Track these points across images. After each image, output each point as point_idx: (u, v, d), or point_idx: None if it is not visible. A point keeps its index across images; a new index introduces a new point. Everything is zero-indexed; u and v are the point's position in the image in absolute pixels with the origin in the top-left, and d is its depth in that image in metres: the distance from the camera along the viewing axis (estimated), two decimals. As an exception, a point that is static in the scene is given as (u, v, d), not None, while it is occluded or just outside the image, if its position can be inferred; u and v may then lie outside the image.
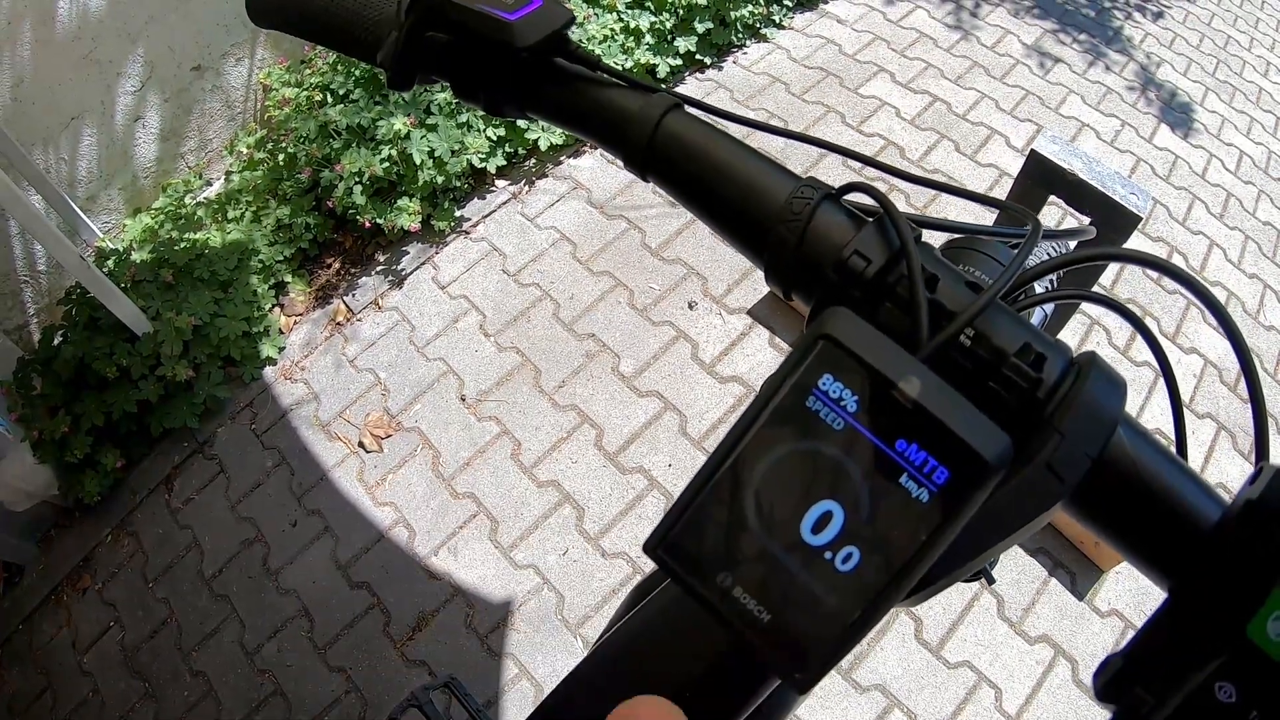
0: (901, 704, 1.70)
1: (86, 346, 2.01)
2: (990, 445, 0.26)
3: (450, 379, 2.18)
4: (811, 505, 0.27)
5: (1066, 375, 0.32)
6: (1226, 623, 0.26)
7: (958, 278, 0.35)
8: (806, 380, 0.27)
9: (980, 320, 0.33)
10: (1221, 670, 0.26)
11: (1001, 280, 0.33)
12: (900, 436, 0.26)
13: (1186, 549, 0.31)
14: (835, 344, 0.27)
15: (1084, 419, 0.31)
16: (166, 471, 2.09)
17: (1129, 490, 0.32)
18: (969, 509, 0.26)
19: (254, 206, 2.39)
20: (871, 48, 2.99)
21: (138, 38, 2.23)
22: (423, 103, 2.36)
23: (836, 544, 0.26)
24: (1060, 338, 0.37)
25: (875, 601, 0.26)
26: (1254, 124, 2.95)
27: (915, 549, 0.26)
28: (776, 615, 0.27)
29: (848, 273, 0.35)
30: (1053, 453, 0.30)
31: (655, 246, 2.40)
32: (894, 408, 0.26)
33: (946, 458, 0.26)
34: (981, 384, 0.32)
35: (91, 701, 1.82)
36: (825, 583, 0.26)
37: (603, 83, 0.47)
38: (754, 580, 0.27)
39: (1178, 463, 0.33)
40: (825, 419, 0.27)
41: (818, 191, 0.39)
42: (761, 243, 0.40)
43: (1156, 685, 0.27)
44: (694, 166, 0.43)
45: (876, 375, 0.27)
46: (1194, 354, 2.24)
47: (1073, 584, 1.83)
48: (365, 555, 1.93)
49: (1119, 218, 1.23)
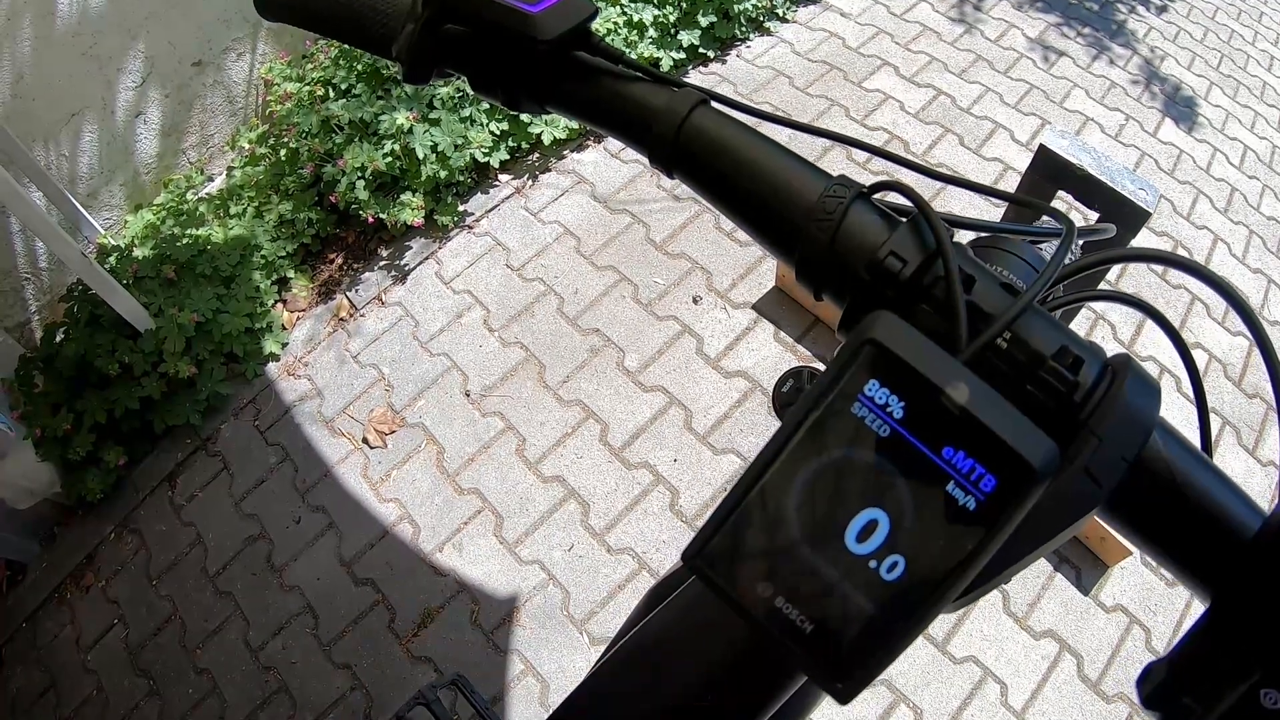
0: (907, 699, 1.70)
1: (88, 343, 2.01)
2: (1039, 453, 0.25)
3: (454, 374, 2.17)
4: (856, 514, 0.26)
5: (1102, 378, 0.32)
6: (1271, 630, 0.26)
7: (994, 280, 0.35)
8: (852, 386, 0.27)
9: (1018, 323, 0.32)
10: (1267, 677, 0.26)
11: (1041, 282, 0.32)
12: (947, 444, 0.26)
13: (1227, 559, 0.31)
14: (881, 349, 0.27)
15: (1121, 423, 0.30)
16: (169, 469, 2.09)
17: (1165, 496, 0.32)
18: (1016, 517, 0.25)
19: (256, 202, 2.38)
20: (875, 41, 2.97)
21: (138, 33, 2.22)
22: (425, 97, 2.35)
23: (881, 553, 0.26)
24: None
25: (920, 611, 0.25)
26: (1258, 118, 2.94)
27: (962, 558, 0.25)
28: (819, 626, 0.26)
29: (883, 273, 0.35)
30: (1091, 457, 0.30)
31: (659, 241, 2.39)
32: (941, 414, 0.26)
33: (994, 465, 0.25)
34: (1019, 387, 0.32)
35: (95, 700, 1.82)
36: (870, 592, 0.26)
37: (627, 77, 0.46)
38: (796, 590, 0.26)
39: (1214, 468, 0.32)
40: (871, 425, 0.26)
41: (850, 190, 0.39)
42: (792, 242, 0.40)
43: (1202, 693, 0.27)
44: (722, 164, 0.42)
45: (923, 381, 0.26)
46: (1198, 349, 2.24)
47: (1078, 579, 1.83)
48: (370, 552, 1.92)
49: (1128, 213, 1.22)
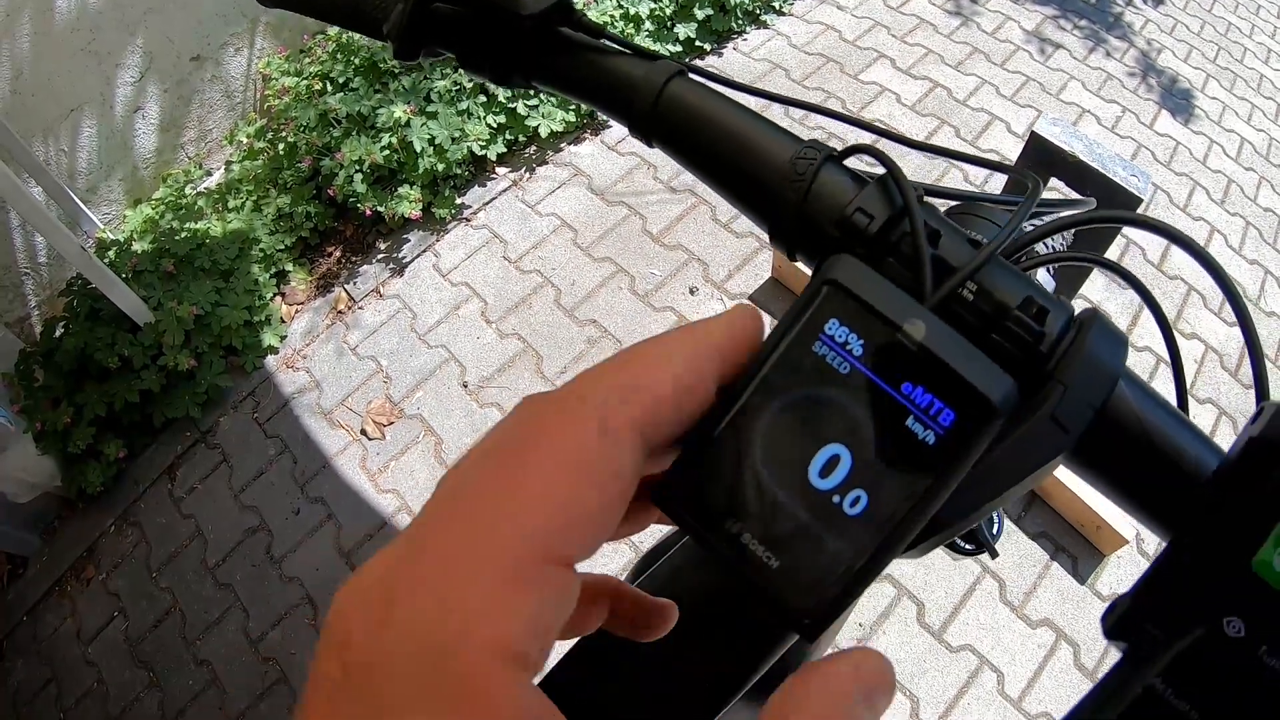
0: (903, 687, 1.70)
1: (88, 337, 2.01)
2: (995, 387, 0.26)
3: (452, 366, 2.18)
4: (819, 449, 0.27)
5: (1068, 330, 0.33)
6: (1232, 558, 0.27)
7: (960, 234, 0.36)
8: (812, 325, 0.27)
9: (983, 275, 0.33)
10: (1228, 605, 0.26)
11: (1004, 234, 0.33)
12: (906, 380, 0.26)
13: (1187, 496, 0.31)
14: (840, 289, 0.27)
15: (1087, 371, 0.31)
16: (169, 461, 2.10)
17: (1131, 441, 0.32)
18: (975, 451, 0.26)
19: (254, 196, 2.39)
20: (872, 34, 2.98)
21: (136, 28, 2.23)
22: (423, 90, 2.36)
23: (844, 487, 0.26)
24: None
25: (883, 545, 0.26)
26: (1255, 110, 2.94)
27: (922, 491, 0.26)
28: (784, 560, 0.27)
29: (851, 229, 0.36)
30: (1057, 404, 0.31)
31: (656, 232, 2.40)
32: (900, 352, 0.26)
33: (952, 400, 0.26)
34: (985, 337, 0.33)
35: (96, 691, 1.83)
36: (833, 527, 0.26)
37: (607, 51, 0.48)
38: (762, 526, 0.27)
39: (1177, 415, 0.33)
40: (831, 363, 0.27)
41: (820, 152, 0.40)
42: (766, 204, 0.41)
43: (1165, 622, 0.27)
44: (697, 131, 0.44)
45: (882, 319, 0.27)
46: (1195, 339, 2.24)
47: (1075, 568, 1.84)
48: (369, 542, 1.93)
49: (1119, 199, 1.23)
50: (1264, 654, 0.25)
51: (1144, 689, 0.26)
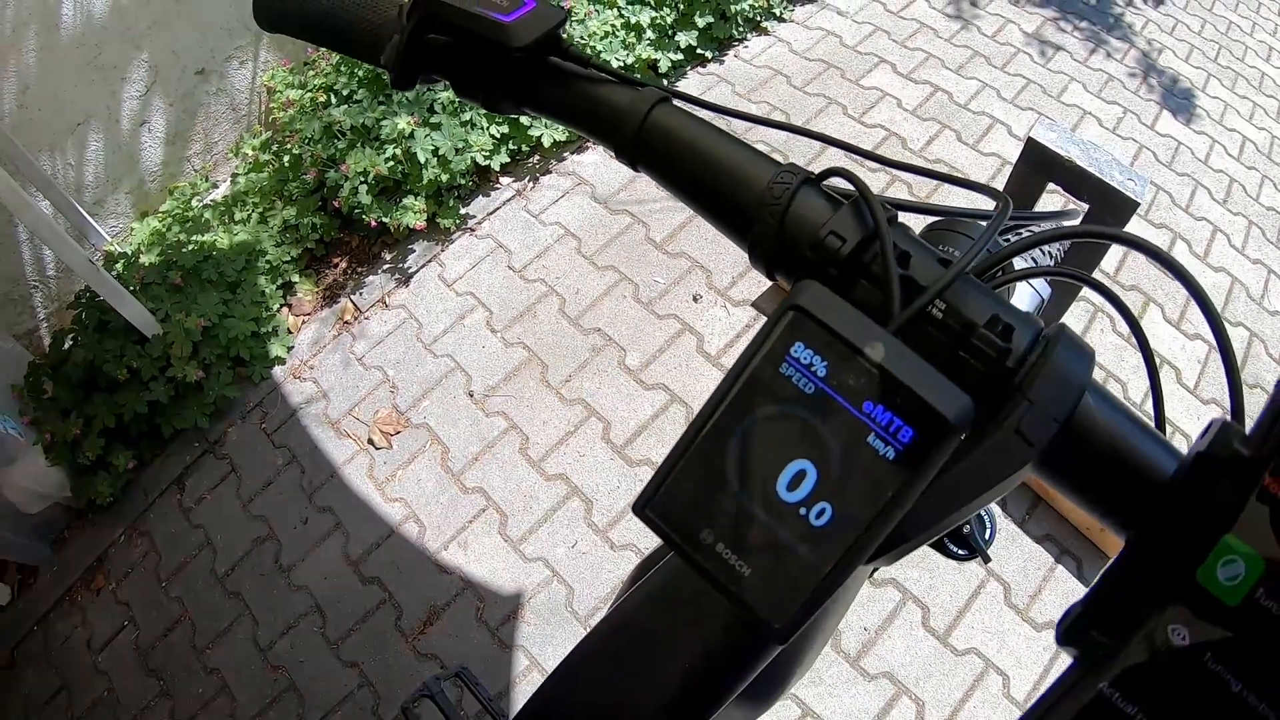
0: (909, 691, 1.71)
1: (97, 349, 2.03)
2: (951, 405, 0.27)
3: (458, 375, 2.20)
4: (786, 464, 0.29)
5: (1035, 345, 0.34)
6: (1178, 569, 0.28)
7: (930, 254, 0.37)
8: (779, 348, 0.29)
9: (951, 293, 0.34)
10: (1174, 614, 0.27)
11: (970, 254, 0.34)
12: (867, 399, 0.28)
13: (1143, 500, 0.32)
14: (805, 314, 0.29)
15: (1052, 386, 0.32)
16: (178, 471, 2.11)
17: (1093, 450, 0.33)
18: (933, 466, 0.28)
19: (260, 208, 2.41)
20: (872, 39, 2.99)
21: (141, 42, 2.25)
22: (426, 102, 2.37)
23: (810, 500, 0.28)
24: (1041, 318, 0.39)
25: (848, 554, 0.28)
26: (1256, 109, 2.94)
27: (883, 504, 0.27)
28: (755, 568, 0.28)
29: (824, 252, 0.37)
30: (1021, 418, 0.32)
31: (659, 240, 2.41)
32: (861, 372, 0.28)
33: (911, 418, 0.27)
34: (953, 354, 0.34)
35: (107, 700, 1.84)
36: (800, 537, 0.28)
37: (594, 79, 0.49)
38: (734, 536, 0.29)
39: (1139, 421, 0.34)
40: (797, 384, 0.29)
41: (796, 176, 0.41)
42: (745, 226, 0.42)
43: (1113, 629, 0.29)
44: (680, 156, 0.45)
45: (844, 342, 0.29)
46: (1198, 340, 2.24)
47: (1079, 571, 1.84)
48: (376, 551, 1.95)
49: (1117, 203, 1.24)
50: (1208, 660, 0.26)
51: (1094, 694, 0.27)
